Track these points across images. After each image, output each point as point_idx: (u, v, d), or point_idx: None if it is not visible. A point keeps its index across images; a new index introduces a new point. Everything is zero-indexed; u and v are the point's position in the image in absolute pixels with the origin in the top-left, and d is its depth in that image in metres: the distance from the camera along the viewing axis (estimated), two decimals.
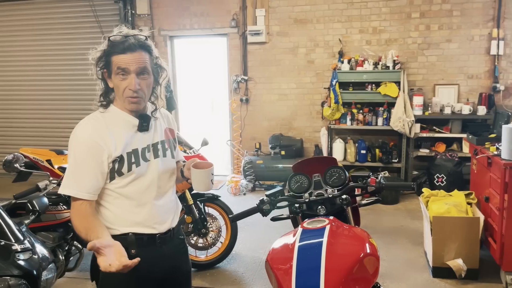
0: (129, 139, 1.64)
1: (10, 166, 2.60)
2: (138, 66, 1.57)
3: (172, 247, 1.78)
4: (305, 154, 6.32)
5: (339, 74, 5.75)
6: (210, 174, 1.77)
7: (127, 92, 1.58)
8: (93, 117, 1.64)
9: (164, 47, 6.60)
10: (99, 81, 1.65)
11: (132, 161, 1.63)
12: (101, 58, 1.59)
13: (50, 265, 1.94)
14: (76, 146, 1.57)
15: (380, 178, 1.93)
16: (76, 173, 1.56)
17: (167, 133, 1.83)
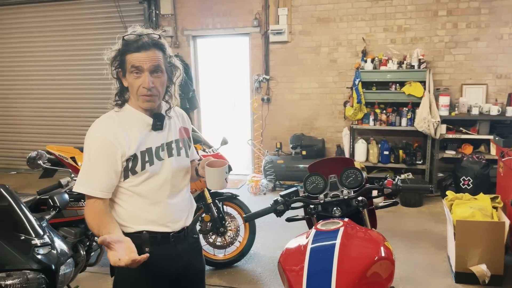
0: (143, 138, 1.65)
1: (34, 163, 2.68)
2: (152, 64, 1.58)
3: (186, 246, 1.79)
4: (327, 154, 6.26)
5: (362, 73, 5.66)
6: (224, 173, 1.76)
7: (141, 90, 1.59)
8: (108, 116, 1.66)
9: (187, 47, 6.67)
10: (114, 80, 1.67)
11: (145, 160, 1.64)
12: (116, 57, 1.61)
13: (68, 260, 1.99)
14: (90, 145, 1.60)
15: (397, 180, 1.89)
16: (90, 172, 1.58)
17: (182, 132, 1.83)
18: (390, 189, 1.87)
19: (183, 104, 6.47)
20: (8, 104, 7.71)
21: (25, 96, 7.57)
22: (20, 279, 1.72)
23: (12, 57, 7.47)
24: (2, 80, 7.65)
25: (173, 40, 6.64)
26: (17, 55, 7.42)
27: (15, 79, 7.55)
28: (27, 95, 7.55)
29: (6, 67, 7.56)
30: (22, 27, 7.29)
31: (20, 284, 1.72)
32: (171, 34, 6.60)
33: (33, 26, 7.22)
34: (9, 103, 7.70)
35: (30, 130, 7.62)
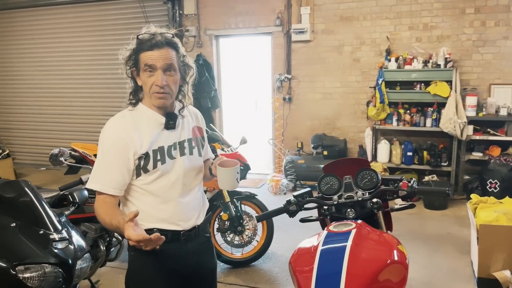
0: (155, 136, 1.67)
1: (56, 160, 2.77)
2: (165, 62, 1.60)
3: (197, 245, 1.80)
4: (349, 154, 6.19)
5: (385, 72, 5.55)
6: (235, 173, 1.76)
7: (154, 88, 1.61)
8: (121, 115, 1.69)
9: (209, 46, 6.72)
10: (129, 80, 1.69)
11: (157, 158, 1.66)
12: (130, 56, 1.64)
13: (85, 255, 2.04)
14: (104, 143, 1.63)
15: (413, 182, 1.84)
16: (103, 169, 1.62)
17: (195, 131, 1.84)
18: (405, 191, 1.83)
19: (205, 103, 6.54)
20: (39, 102, 7.98)
21: (53, 94, 7.81)
22: (38, 272, 1.78)
23: (43, 57, 7.72)
24: (33, 79, 7.92)
25: (196, 39, 6.70)
26: (49, 55, 7.66)
27: (45, 78, 7.81)
28: (56, 93, 7.78)
29: (37, 67, 7.82)
30: (51, 27, 7.52)
31: (38, 277, 1.78)
32: (194, 33, 6.67)
33: (60, 27, 7.44)
34: (39, 101, 7.97)
35: (58, 128, 7.86)
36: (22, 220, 1.90)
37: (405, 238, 4.27)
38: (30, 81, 7.98)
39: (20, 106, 8.20)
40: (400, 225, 4.63)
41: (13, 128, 8.40)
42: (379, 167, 5.44)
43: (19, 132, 8.32)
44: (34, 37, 7.72)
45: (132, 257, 1.76)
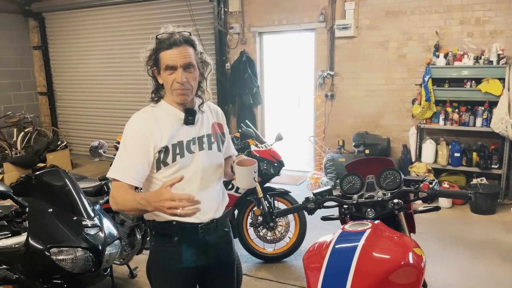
0: (174, 131, 1.74)
1: (96, 152, 2.95)
2: (184, 61, 1.67)
3: (215, 238, 1.84)
4: (392, 154, 6.01)
5: (432, 69, 5.32)
6: (253, 172, 1.78)
7: (175, 85, 1.69)
8: (144, 111, 1.78)
9: (253, 43, 6.78)
10: (151, 79, 1.78)
11: (176, 152, 1.73)
12: (150, 56, 1.72)
13: (115, 242, 2.18)
14: (126, 136, 1.72)
15: (434, 183, 1.78)
16: (125, 159, 1.69)
17: (215, 127, 1.89)
18: (426, 193, 1.77)
19: (247, 99, 6.62)
20: (93, 97, 8.48)
21: (105, 90, 8.26)
22: (70, 256, 1.93)
23: (96, 55, 8.18)
24: (88, 75, 8.42)
25: (240, 37, 6.79)
26: (101, 53, 8.12)
27: (98, 75, 8.27)
28: (108, 89, 8.23)
29: (91, 64, 8.31)
30: (104, 26, 7.94)
31: (69, 259, 1.93)
32: (238, 31, 6.76)
33: (111, 26, 7.84)
34: (93, 96, 8.47)
35: (110, 121, 8.29)
36: (59, 206, 2.07)
37: (446, 242, 4.12)
38: (85, 77, 8.49)
39: (77, 101, 8.76)
40: (442, 228, 4.45)
41: (71, 121, 8.99)
42: (423, 168, 5.24)
43: (76, 125, 8.89)
44: (89, 35, 8.20)
45: (152, 248, 1.84)
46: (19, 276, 1.94)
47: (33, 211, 2.00)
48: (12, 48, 8.61)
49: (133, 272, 3.63)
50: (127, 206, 1.63)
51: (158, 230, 1.80)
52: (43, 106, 9.21)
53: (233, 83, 6.73)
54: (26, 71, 8.94)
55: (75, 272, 1.97)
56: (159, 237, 1.80)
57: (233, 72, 6.77)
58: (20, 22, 8.70)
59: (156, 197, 1.49)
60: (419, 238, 3.91)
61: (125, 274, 3.66)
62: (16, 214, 2.07)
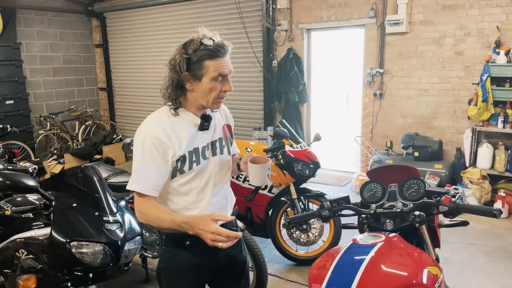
0: (191, 138, 1.69)
1: (129, 148, 3.06)
2: (231, 69, 1.67)
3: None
4: (444, 157, 5.66)
5: (491, 67, 4.91)
6: (266, 169, 1.77)
7: (222, 94, 1.67)
8: (158, 115, 1.70)
9: (301, 40, 6.67)
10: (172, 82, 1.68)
11: (193, 160, 1.69)
12: (189, 61, 1.61)
13: (136, 238, 2.24)
14: (144, 143, 1.63)
15: (458, 197, 1.63)
16: (144, 170, 1.62)
17: (225, 129, 1.87)
18: (446, 207, 1.63)
19: (293, 97, 6.55)
20: (146, 93, 8.83)
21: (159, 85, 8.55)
22: (90, 250, 2.01)
23: (150, 53, 8.50)
24: (142, 71, 8.78)
25: (287, 34, 6.72)
26: (153, 51, 8.42)
27: (150, 71, 8.59)
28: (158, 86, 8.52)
29: (145, 61, 8.64)
30: (155, 25, 8.23)
31: (89, 254, 2.01)
32: (286, 27, 6.68)
33: (162, 24, 8.09)
34: (146, 92, 8.82)
35: None
36: (83, 201, 2.16)
37: (496, 256, 3.80)
38: (140, 73, 8.86)
39: (133, 96, 9.17)
40: (494, 240, 4.11)
41: (127, 116, 9.44)
42: (477, 174, 4.87)
43: (131, 119, 9.31)
44: (144, 33, 8.53)
45: (163, 251, 1.83)
46: (43, 266, 2.07)
47: (58, 205, 2.11)
48: (76, 46, 9.20)
49: None
50: (163, 226, 1.63)
51: (169, 235, 1.77)
52: (103, 101, 9.76)
53: (279, 80, 6.68)
54: (89, 67, 9.51)
55: (94, 265, 2.05)
56: (170, 241, 1.78)
57: (280, 70, 6.71)
58: (83, 22, 9.26)
59: (200, 225, 1.52)
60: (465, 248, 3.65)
61: None
62: (44, 207, 2.20)
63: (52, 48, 8.73)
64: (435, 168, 5.38)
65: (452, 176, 5.32)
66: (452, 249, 3.92)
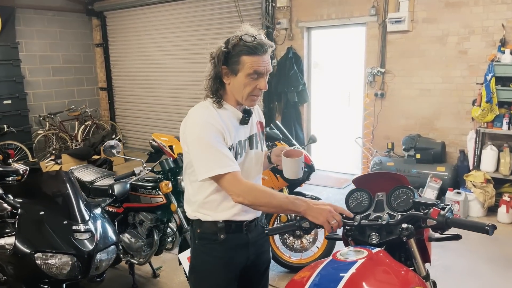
0: (236, 131, 1.73)
1: (111, 152, 2.94)
2: (268, 68, 1.68)
3: (256, 235, 1.85)
4: (447, 159, 5.48)
5: (496, 67, 4.73)
6: (301, 163, 1.82)
7: (256, 92, 1.68)
8: (204, 106, 1.72)
9: (301, 39, 6.52)
10: (212, 75, 1.71)
11: (238, 152, 1.74)
12: (228, 55, 1.64)
13: (109, 248, 2.12)
14: (203, 132, 1.63)
15: (447, 210, 1.48)
16: (217, 153, 1.61)
17: (258, 126, 1.90)
18: (434, 221, 1.48)
19: (292, 97, 6.40)
20: (147, 93, 8.73)
21: (158, 86, 8.46)
22: (55, 261, 1.90)
23: (150, 52, 8.40)
24: (142, 72, 8.69)
25: (287, 32, 6.57)
26: (153, 50, 8.32)
27: (151, 71, 8.50)
28: (160, 85, 8.43)
29: (145, 61, 8.55)
30: (154, 24, 8.13)
31: (56, 265, 1.90)
32: (286, 26, 6.54)
33: (161, 24, 8.00)
34: (147, 92, 8.72)
35: (162, 117, 8.49)
36: (53, 209, 2.05)
37: (498, 264, 3.63)
38: (141, 73, 8.77)
39: (133, 96, 9.08)
40: (496, 247, 3.94)
41: (127, 116, 9.35)
42: (480, 177, 4.69)
43: (132, 119, 9.23)
44: (144, 33, 8.43)
45: (197, 246, 1.82)
46: (7, 278, 1.96)
47: (24, 213, 2.00)
48: (76, 46, 9.12)
49: (155, 271, 3.62)
50: (274, 202, 1.63)
51: (204, 228, 1.79)
52: (103, 101, 9.68)
53: (279, 80, 6.53)
54: (89, 67, 9.44)
55: (61, 278, 1.94)
56: (205, 235, 1.79)
57: (279, 69, 6.57)
58: (84, 21, 9.18)
59: (317, 203, 1.61)
60: (466, 255, 3.47)
61: (148, 273, 3.66)
62: (12, 215, 2.09)
63: (51, 47, 8.67)
64: (437, 171, 5.21)
65: (455, 180, 5.14)
66: (452, 257, 3.76)
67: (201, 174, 1.66)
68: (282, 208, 1.67)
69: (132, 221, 3.29)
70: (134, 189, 3.13)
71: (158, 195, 3.04)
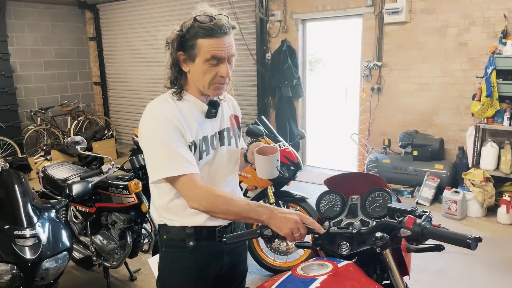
0: (199, 125, 1.52)
1: (74, 148, 2.74)
2: (231, 52, 1.46)
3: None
4: (446, 156, 5.25)
5: (497, 59, 4.48)
6: (275, 161, 1.64)
7: (217, 79, 1.47)
8: (163, 99, 1.51)
9: (295, 31, 6.29)
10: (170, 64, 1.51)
11: (203, 149, 1.54)
12: (182, 39, 1.45)
13: (59, 255, 1.92)
14: (157, 128, 1.43)
15: (425, 218, 1.26)
16: (173, 152, 1.41)
17: (232, 120, 1.70)
18: (409, 231, 1.26)
19: (286, 92, 6.18)
20: (141, 88, 8.55)
21: (153, 80, 8.27)
22: None
23: (142, 46, 8.20)
24: (135, 66, 8.49)
25: (281, 24, 6.34)
26: (144, 44, 8.11)
27: (143, 66, 8.29)
28: (155, 79, 8.23)
29: (138, 55, 8.35)
30: (147, 17, 7.93)
31: None
32: (280, 18, 6.31)
33: (152, 16, 7.80)
34: (141, 87, 8.54)
35: None
36: None
37: (497, 268, 3.41)
38: (134, 68, 8.58)
39: (127, 91, 8.91)
40: (495, 250, 3.72)
41: (121, 111, 9.18)
42: (480, 176, 4.46)
43: (126, 114, 9.05)
44: (137, 26, 8.24)
45: (164, 254, 1.64)
46: None
47: None
48: (69, 39, 8.94)
49: (132, 274, 3.43)
50: (233, 209, 1.41)
51: (171, 234, 1.59)
52: (97, 96, 9.51)
53: (273, 74, 6.31)
54: (82, 61, 9.26)
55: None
56: (172, 242, 1.60)
57: (273, 63, 6.35)
58: (76, 14, 8.99)
59: (284, 211, 1.41)
60: (462, 259, 3.25)
61: (126, 276, 3.47)
62: None
63: (43, 41, 8.49)
64: (435, 169, 4.99)
65: (453, 178, 4.92)
66: (447, 260, 3.54)
67: (152, 175, 1.46)
68: (243, 216, 1.44)
69: (105, 222, 3.10)
70: (106, 188, 2.94)
71: (129, 194, 2.84)
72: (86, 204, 3.11)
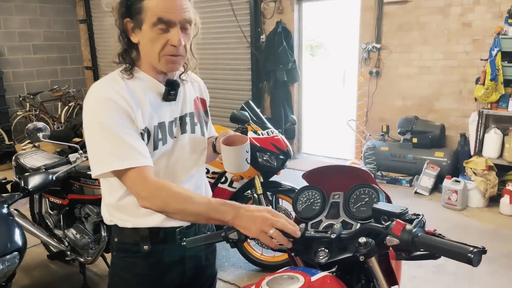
0: (154, 109, 1.28)
1: (34, 135, 2.49)
2: (184, 16, 1.21)
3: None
4: (447, 144, 5.02)
5: (503, 41, 4.21)
6: (244, 152, 1.40)
7: (168, 49, 1.22)
8: (111, 79, 1.26)
9: (291, 12, 5.99)
10: (118, 35, 1.26)
11: (159, 138, 1.30)
12: (127, 3, 1.20)
13: (7, 257, 1.71)
14: (101, 112, 1.19)
15: (416, 224, 1.03)
16: (119, 140, 1.18)
17: (197, 103, 1.46)
18: (397, 239, 1.03)
19: (281, 76, 5.92)
20: None
21: None
22: None
23: None
24: None
25: (276, 5, 6.04)
26: None
27: None
28: None
29: None
30: None
31: None
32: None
33: None
34: None
35: None
36: None
37: (499, 264, 3.19)
38: None
39: None
40: (498, 244, 3.50)
41: None
42: (482, 164, 4.23)
43: None
44: None
45: (114, 259, 1.43)
46: None
47: None
48: (58, 22, 8.63)
49: None
50: (191, 208, 1.17)
51: (123, 237, 1.37)
52: (89, 80, 9.23)
53: (267, 57, 6.04)
54: (73, 45, 8.96)
55: None
56: (124, 245, 1.38)
57: (268, 45, 6.07)
58: None
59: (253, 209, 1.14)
60: None
61: (104, 271, 3.28)
62: None
63: (32, 24, 8.19)
64: (435, 157, 4.76)
65: (454, 166, 4.69)
66: None
67: (94, 168, 1.23)
68: (203, 217, 1.18)
69: (79, 215, 2.89)
70: (77, 178, 2.72)
71: (99, 186, 2.62)
72: (58, 195, 2.90)
